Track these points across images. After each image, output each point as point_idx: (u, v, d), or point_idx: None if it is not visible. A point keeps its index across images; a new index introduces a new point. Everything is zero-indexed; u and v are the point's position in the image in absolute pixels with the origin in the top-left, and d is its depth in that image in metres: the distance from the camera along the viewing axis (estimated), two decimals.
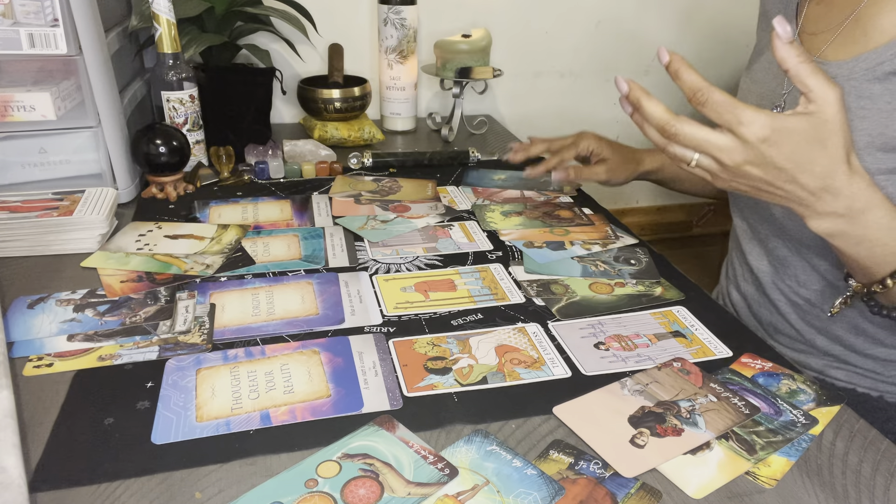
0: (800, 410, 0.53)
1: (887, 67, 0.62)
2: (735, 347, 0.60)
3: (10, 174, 0.78)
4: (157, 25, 0.84)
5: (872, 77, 0.63)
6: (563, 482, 0.45)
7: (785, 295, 0.78)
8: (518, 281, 0.70)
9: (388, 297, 0.66)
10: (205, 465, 0.45)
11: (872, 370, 0.73)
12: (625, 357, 0.58)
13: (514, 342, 0.60)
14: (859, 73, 0.64)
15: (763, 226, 0.78)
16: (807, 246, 0.72)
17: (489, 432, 0.49)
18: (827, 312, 0.74)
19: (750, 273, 0.83)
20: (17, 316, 0.60)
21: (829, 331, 0.75)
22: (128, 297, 0.63)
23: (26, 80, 0.77)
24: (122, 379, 0.53)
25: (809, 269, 0.74)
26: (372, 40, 1.22)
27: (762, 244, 0.79)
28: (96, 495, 0.43)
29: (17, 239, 0.70)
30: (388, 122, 1.19)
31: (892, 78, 0.62)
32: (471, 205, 0.87)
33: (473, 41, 1.10)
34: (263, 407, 0.50)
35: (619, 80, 0.55)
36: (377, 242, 0.77)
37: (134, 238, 0.74)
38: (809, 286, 0.75)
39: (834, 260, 0.71)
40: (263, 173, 0.92)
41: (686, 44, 1.38)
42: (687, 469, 0.47)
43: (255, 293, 0.65)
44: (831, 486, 0.46)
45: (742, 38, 1.41)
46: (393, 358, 0.57)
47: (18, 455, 0.43)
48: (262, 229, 0.78)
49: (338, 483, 0.44)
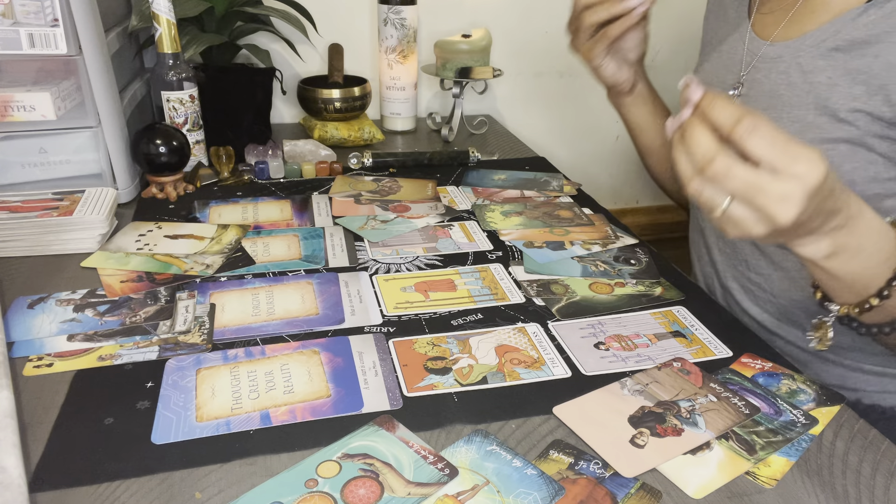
0: (800, 410, 0.53)
1: (829, 44, 0.64)
2: (735, 347, 0.60)
3: (10, 174, 0.78)
4: (157, 25, 0.84)
5: (817, 53, 0.66)
6: (563, 482, 0.45)
7: (737, 281, 0.80)
8: (518, 281, 0.70)
9: (388, 297, 0.66)
10: (205, 465, 0.45)
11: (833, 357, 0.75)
12: (625, 357, 0.58)
13: (514, 342, 0.60)
14: (805, 49, 0.67)
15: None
16: None
17: (489, 432, 0.49)
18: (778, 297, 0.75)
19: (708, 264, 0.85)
20: (17, 316, 0.60)
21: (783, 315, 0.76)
22: (128, 297, 0.63)
23: (26, 80, 0.77)
24: (122, 379, 0.53)
25: (758, 254, 0.76)
26: (372, 40, 1.22)
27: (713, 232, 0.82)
28: (96, 495, 0.43)
29: (17, 239, 0.70)
30: (388, 122, 1.19)
31: (833, 54, 0.64)
32: (471, 205, 0.87)
33: (473, 41, 1.10)
34: (263, 407, 0.50)
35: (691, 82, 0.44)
36: (377, 242, 0.77)
37: (134, 238, 0.74)
38: (759, 270, 0.76)
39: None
40: (263, 173, 0.92)
41: (686, 44, 1.38)
42: (687, 469, 0.47)
43: (255, 293, 0.65)
44: (831, 486, 0.46)
45: None
46: (393, 358, 0.57)
47: (18, 455, 0.43)
48: (262, 229, 0.78)
49: (338, 483, 0.44)
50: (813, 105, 0.65)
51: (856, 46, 0.62)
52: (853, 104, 0.62)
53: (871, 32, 0.61)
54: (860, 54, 0.62)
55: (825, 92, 0.64)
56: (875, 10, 0.61)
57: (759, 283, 0.77)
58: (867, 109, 0.62)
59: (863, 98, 0.62)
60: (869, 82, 0.61)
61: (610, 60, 0.81)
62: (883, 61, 0.60)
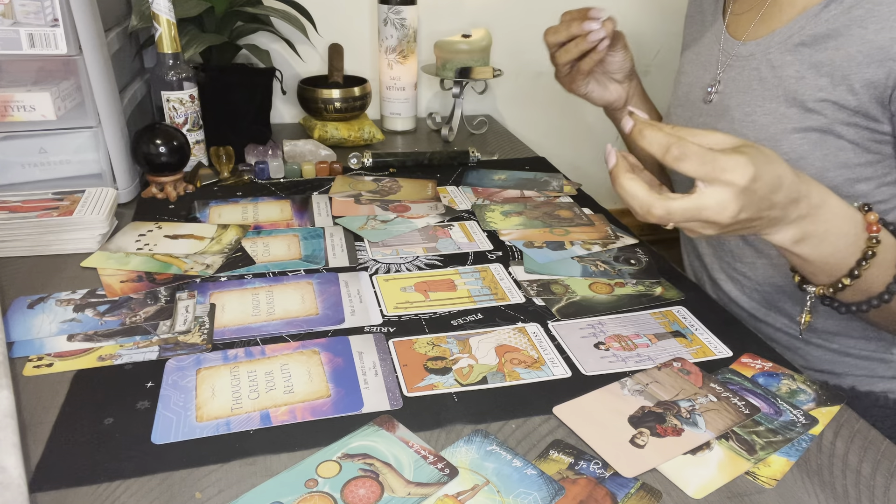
0: (800, 410, 0.53)
1: (795, 39, 0.68)
2: (735, 347, 0.60)
3: (10, 174, 0.78)
4: (157, 25, 0.84)
5: (784, 49, 0.69)
6: (563, 482, 0.45)
7: (724, 272, 0.81)
8: (518, 281, 0.70)
9: (388, 297, 0.66)
10: (205, 465, 0.45)
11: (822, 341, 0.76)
12: (625, 357, 0.58)
13: (514, 342, 0.60)
14: (774, 46, 0.70)
15: None
16: None
17: (489, 432, 0.49)
18: (763, 284, 0.77)
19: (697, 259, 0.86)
20: (17, 316, 0.60)
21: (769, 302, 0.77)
22: (128, 297, 0.63)
23: (26, 80, 0.77)
24: (122, 379, 0.53)
25: (743, 244, 0.77)
26: (372, 40, 1.22)
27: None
28: (96, 495, 0.43)
29: (17, 239, 0.70)
30: (388, 122, 1.19)
31: (799, 49, 0.67)
32: (471, 205, 0.87)
33: (473, 41, 1.10)
34: (263, 407, 0.50)
35: (608, 154, 0.51)
36: (377, 242, 0.77)
37: (134, 238, 0.74)
38: (744, 259, 0.78)
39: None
40: (263, 173, 0.92)
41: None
42: (687, 469, 0.47)
43: (255, 293, 0.65)
44: (831, 486, 0.46)
45: None
46: (393, 358, 0.57)
47: (18, 455, 0.43)
48: (262, 229, 0.78)
49: (338, 483, 0.44)
50: (783, 98, 0.68)
51: (819, 41, 0.66)
52: (819, 94, 0.65)
53: (832, 27, 0.65)
54: (823, 48, 0.65)
55: (794, 85, 0.67)
56: (835, 6, 0.65)
57: (744, 272, 0.78)
58: (833, 99, 0.64)
59: (828, 89, 0.65)
60: (833, 74, 0.64)
61: (595, 86, 0.86)
62: (844, 53, 0.63)
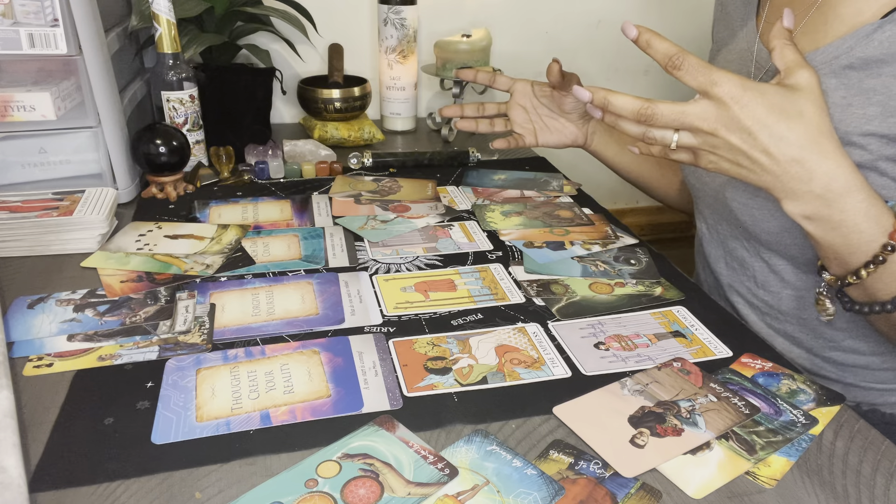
0: (800, 410, 0.53)
1: (843, 61, 0.61)
2: (735, 347, 0.60)
3: (10, 174, 0.78)
4: (157, 25, 0.84)
5: (829, 71, 0.62)
6: (563, 482, 0.45)
7: (743, 297, 0.77)
8: (518, 281, 0.70)
9: (388, 297, 0.66)
10: (205, 465, 0.45)
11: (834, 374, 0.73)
12: (625, 357, 0.58)
13: (514, 342, 0.60)
14: (817, 65, 0.62)
15: (722, 226, 0.77)
16: (766, 246, 0.71)
17: (489, 432, 0.49)
18: (786, 314, 0.73)
19: (711, 276, 0.83)
20: (17, 316, 0.60)
21: (787, 333, 0.74)
22: (128, 297, 0.63)
23: (26, 80, 0.77)
24: (122, 379, 0.53)
25: (767, 271, 0.73)
26: (372, 40, 1.22)
27: (721, 245, 0.79)
28: (96, 495, 0.43)
29: (17, 239, 0.70)
30: (388, 122, 1.19)
31: (847, 72, 0.60)
32: (471, 205, 0.87)
33: (473, 41, 1.10)
34: (263, 407, 0.50)
35: (578, 90, 0.57)
36: (377, 242, 0.77)
37: (134, 238, 0.74)
38: (768, 287, 0.74)
39: (796, 261, 0.69)
40: (263, 173, 0.92)
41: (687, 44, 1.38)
42: (687, 469, 0.47)
43: (255, 293, 0.65)
44: (831, 486, 0.46)
45: None
46: (393, 358, 0.57)
47: (18, 455, 0.43)
48: (262, 229, 0.78)
49: (338, 483, 0.44)
50: None
51: (871, 65, 0.59)
52: (866, 127, 0.59)
53: (888, 51, 0.58)
54: (877, 73, 0.59)
55: (838, 113, 0.60)
56: (891, 27, 0.58)
57: (766, 300, 0.74)
58: (881, 132, 0.58)
59: (877, 120, 0.58)
60: (886, 103, 0.58)
61: (548, 134, 0.87)
62: None
